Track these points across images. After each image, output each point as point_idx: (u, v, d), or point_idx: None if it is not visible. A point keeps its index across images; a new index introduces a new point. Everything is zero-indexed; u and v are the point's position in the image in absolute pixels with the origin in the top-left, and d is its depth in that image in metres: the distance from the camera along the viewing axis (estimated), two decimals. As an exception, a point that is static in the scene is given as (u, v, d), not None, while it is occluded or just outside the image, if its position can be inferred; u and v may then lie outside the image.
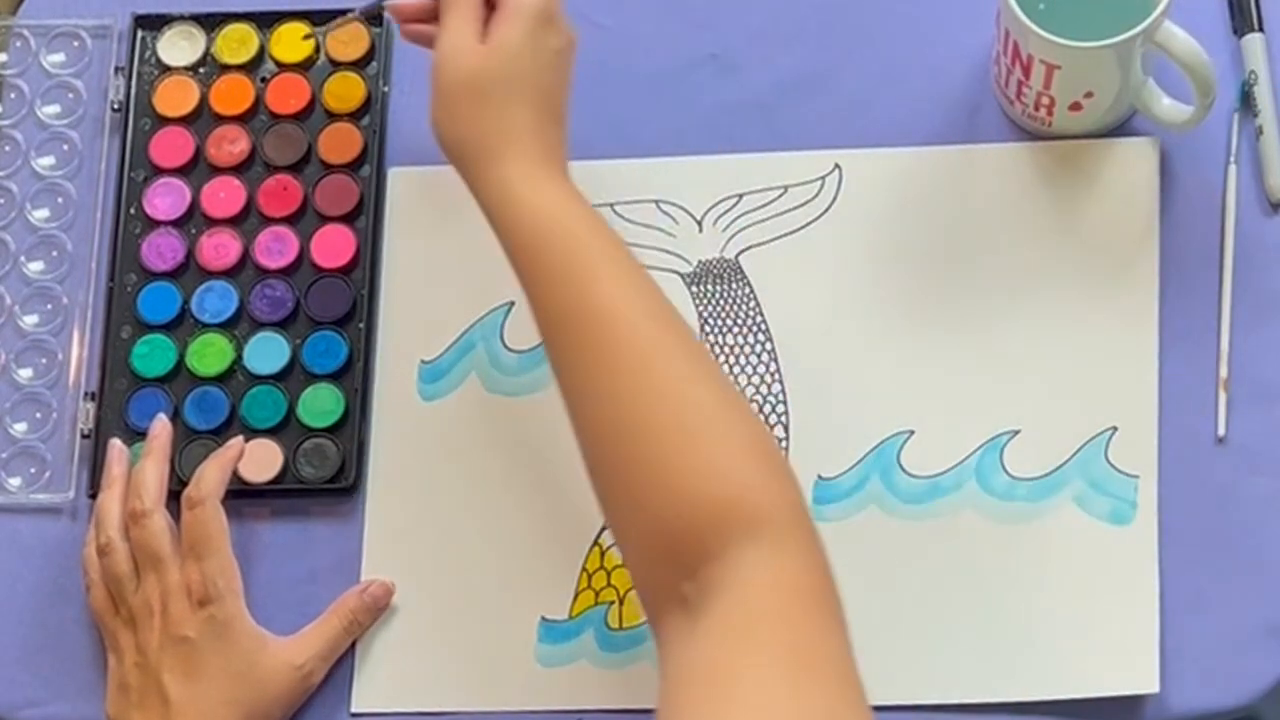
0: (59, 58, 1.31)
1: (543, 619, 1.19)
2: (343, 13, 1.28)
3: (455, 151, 1.12)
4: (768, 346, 1.22)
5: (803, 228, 1.24)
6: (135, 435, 1.22)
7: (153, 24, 1.30)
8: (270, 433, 1.23)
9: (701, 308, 1.23)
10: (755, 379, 1.21)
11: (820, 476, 1.19)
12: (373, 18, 1.29)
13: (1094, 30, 1.14)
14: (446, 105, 1.11)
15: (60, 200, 1.29)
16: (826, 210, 1.24)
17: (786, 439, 1.20)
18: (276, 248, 1.26)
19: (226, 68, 1.29)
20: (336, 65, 1.29)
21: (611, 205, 1.25)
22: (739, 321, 1.22)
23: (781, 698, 0.92)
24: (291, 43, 1.29)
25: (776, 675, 0.93)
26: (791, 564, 0.98)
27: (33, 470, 1.24)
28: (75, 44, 1.31)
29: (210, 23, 1.30)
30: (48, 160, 1.29)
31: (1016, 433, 1.18)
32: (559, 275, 1.07)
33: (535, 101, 1.11)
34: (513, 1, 1.11)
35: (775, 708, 0.92)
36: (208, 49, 1.30)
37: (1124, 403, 1.18)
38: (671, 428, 1.01)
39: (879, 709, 1.14)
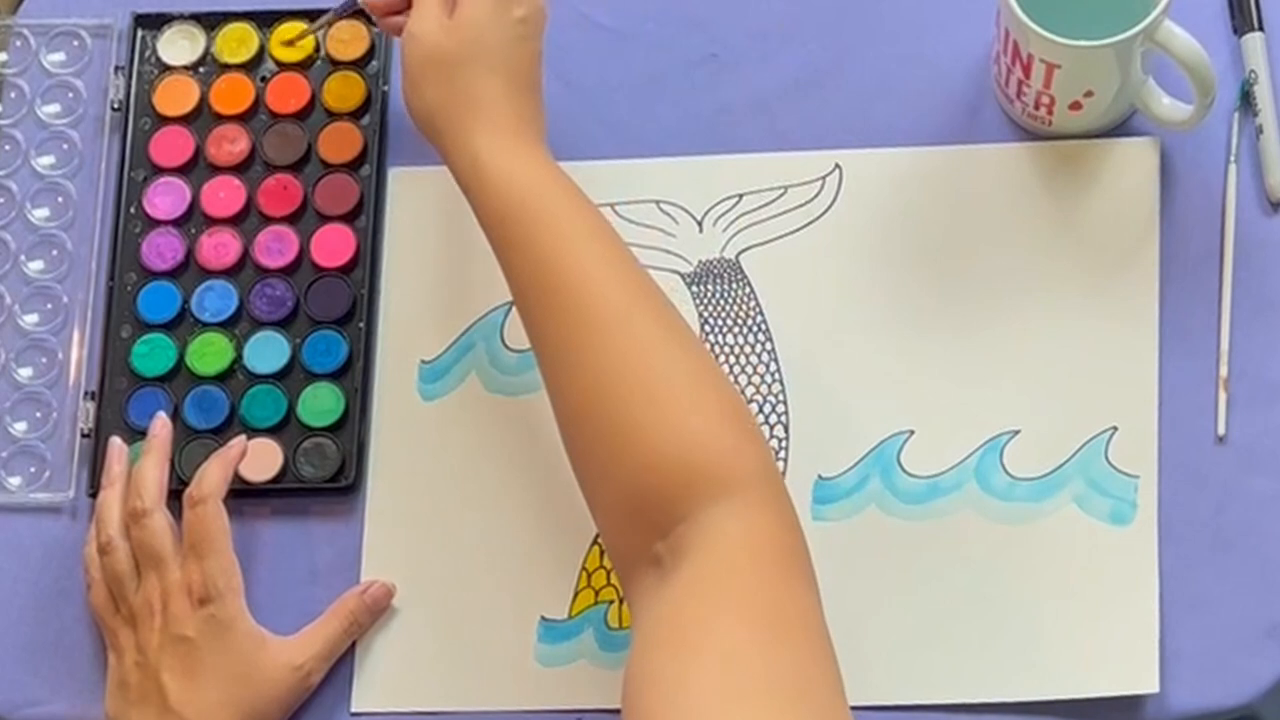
0: (59, 57, 1.31)
1: (542, 619, 1.19)
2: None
3: (427, 126, 1.15)
4: (768, 346, 1.22)
5: (803, 228, 1.24)
6: (135, 434, 1.22)
7: (153, 23, 1.30)
8: (270, 432, 1.23)
9: (702, 308, 1.23)
10: (755, 379, 1.21)
11: (820, 476, 1.19)
12: (373, 18, 1.29)
13: (1094, 29, 1.14)
14: (414, 81, 1.15)
15: (60, 200, 1.29)
16: (827, 210, 1.24)
17: (786, 439, 1.20)
18: (276, 247, 1.26)
19: (226, 67, 1.29)
20: (336, 64, 1.29)
21: (612, 205, 1.25)
22: (739, 321, 1.22)
23: (750, 651, 0.94)
24: (289, 42, 1.29)
25: (746, 629, 0.96)
26: (762, 523, 1.01)
27: (33, 469, 1.24)
28: (75, 43, 1.31)
29: (210, 22, 1.30)
30: (48, 159, 1.29)
31: (1016, 433, 1.18)
32: (529, 243, 1.09)
33: (503, 71, 1.13)
34: None
35: (744, 661, 0.94)
36: (208, 48, 1.30)
37: (1124, 403, 1.18)
38: (642, 392, 1.03)
39: (878, 709, 1.14)
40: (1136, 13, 1.13)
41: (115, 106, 1.29)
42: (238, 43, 1.29)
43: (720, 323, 1.22)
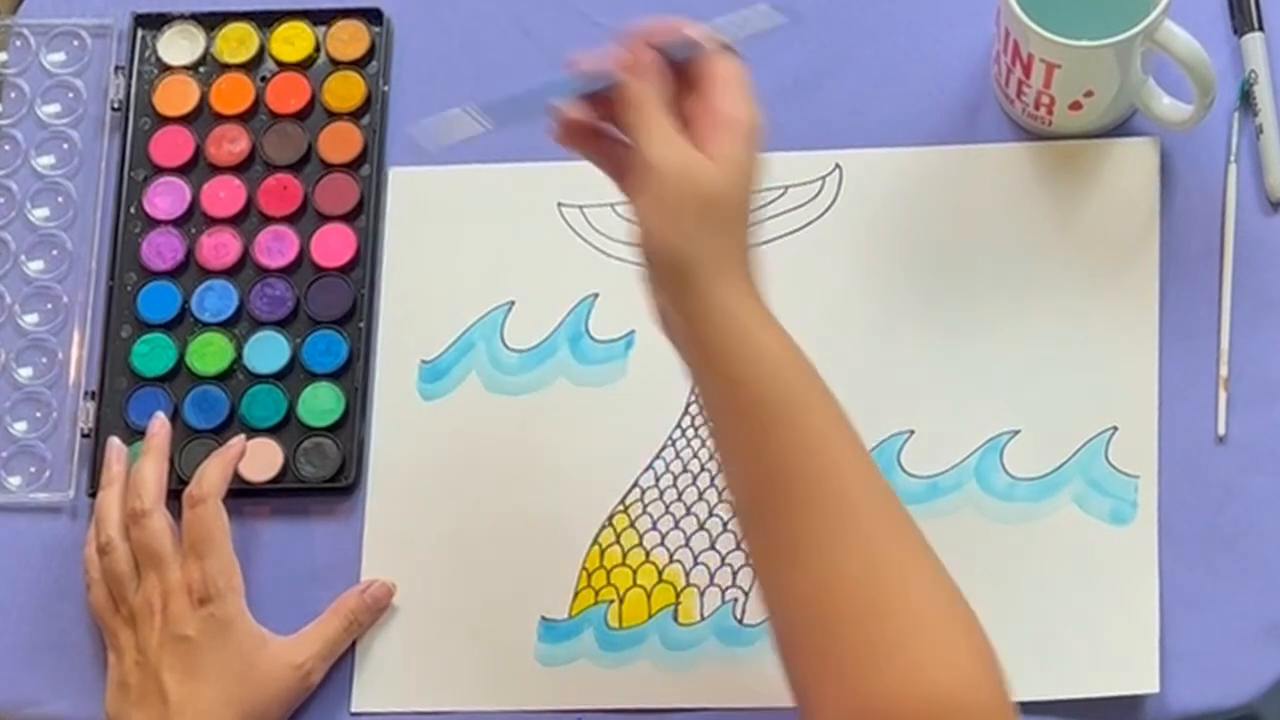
0: (59, 57, 1.31)
1: (543, 619, 1.19)
2: (341, 13, 1.28)
3: (670, 265, 1.01)
4: (768, 346, 1.22)
5: (803, 228, 1.24)
6: (135, 434, 1.22)
7: (153, 23, 1.30)
8: (270, 432, 1.22)
9: (702, 307, 1.22)
10: (755, 379, 1.21)
11: (820, 476, 1.19)
12: (372, 17, 1.29)
13: (1094, 29, 1.14)
14: (672, 218, 1.00)
15: (60, 199, 1.29)
16: (827, 210, 1.24)
17: (786, 439, 1.20)
18: (276, 247, 1.26)
19: (226, 67, 1.29)
20: (336, 64, 1.29)
21: (612, 205, 1.25)
22: (739, 321, 1.22)
23: None
24: (290, 42, 1.29)
25: None
26: None
27: (33, 469, 1.24)
28: (75, 43, 1.31)
29: (210, 22, 1.30)
30: (48, 159, 1.29)
31: (1016, 433, 1.18)
32: (777, 423, 0.99)
33: (747, 219, 1.02)
34: (730, 113, 1.01)
35: None
36: (208, 48, 1.30)
37: (1124, 402, 1.18)
38: (893, 610, 0.96)
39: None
40: (1136, 13, 1.13)
41: (115, 106, 1.29)
42: (238, 43, 1.29)
43: (720, 323, 1.22)
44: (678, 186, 1.00)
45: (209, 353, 1.24)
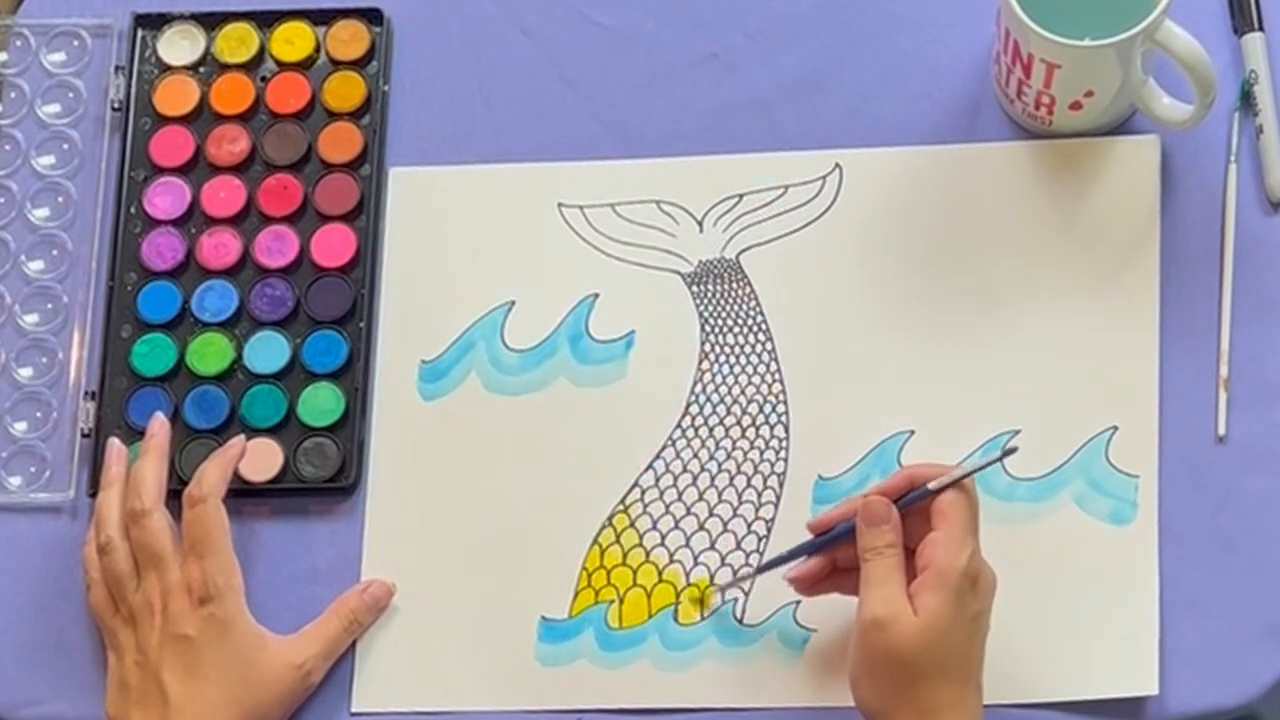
0: (59, 57, 1.31)
1: (543, 619, 1.19)
2: (341, 13, 1.28)
3: (861, 708, 1.09)
4: (768, 346, 1.22)
5: (803, 227, 1.24)
6: (135, 434, 1.22)
7: (153, 23, 1.30)
8: (270, 432, 1.22)
9: (702, 308, 1.23)
10: (755, 379, 1.21)
11: (820, 476, 1.19)
12: (372, 17, 1.29)
13: (1094, 29, 1.14)
14: (872, 672, 1.07)
15: (60, 199, 1.29)
16: (827, 210, 1.24)
17: (786, 439, 1.20)
18: (276, 247, 1.26)
19: (226, 67, 1.29)
20: (336, 64, 1.29)
21: (612, 205, 1.25)
22: (739, 321, 1.22)
23: None
24: (290, 42, 1.29)
25: None
26: None
27: (33, 469, 1.24)
28: (75, 43, 1.31)
29: (210, 22, 1.30)
30: (48, 159, 1.29)
31: (1017, 432, 1.18)
32: None
33: (958, 673, 1.07)
34: (939, 568, 1.06)
35: None
36: (208, 48, 1.30)
37: (1124, 402, 1.18)
38: None
39: (879, 709, 1.14)
40: (1137, 13, 1.14)
41: (115, 106, 1.29)
42: (238, 43, 1.29)
43: (720, 323, 1.22)
44: (873, 640, 1.06)
45: (209, 353, 1.24)
